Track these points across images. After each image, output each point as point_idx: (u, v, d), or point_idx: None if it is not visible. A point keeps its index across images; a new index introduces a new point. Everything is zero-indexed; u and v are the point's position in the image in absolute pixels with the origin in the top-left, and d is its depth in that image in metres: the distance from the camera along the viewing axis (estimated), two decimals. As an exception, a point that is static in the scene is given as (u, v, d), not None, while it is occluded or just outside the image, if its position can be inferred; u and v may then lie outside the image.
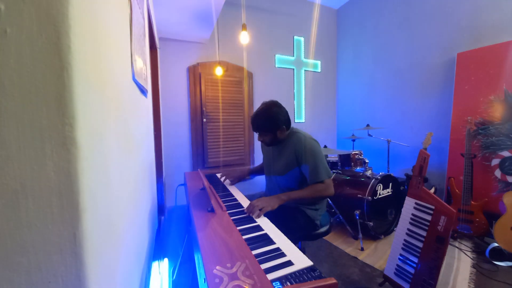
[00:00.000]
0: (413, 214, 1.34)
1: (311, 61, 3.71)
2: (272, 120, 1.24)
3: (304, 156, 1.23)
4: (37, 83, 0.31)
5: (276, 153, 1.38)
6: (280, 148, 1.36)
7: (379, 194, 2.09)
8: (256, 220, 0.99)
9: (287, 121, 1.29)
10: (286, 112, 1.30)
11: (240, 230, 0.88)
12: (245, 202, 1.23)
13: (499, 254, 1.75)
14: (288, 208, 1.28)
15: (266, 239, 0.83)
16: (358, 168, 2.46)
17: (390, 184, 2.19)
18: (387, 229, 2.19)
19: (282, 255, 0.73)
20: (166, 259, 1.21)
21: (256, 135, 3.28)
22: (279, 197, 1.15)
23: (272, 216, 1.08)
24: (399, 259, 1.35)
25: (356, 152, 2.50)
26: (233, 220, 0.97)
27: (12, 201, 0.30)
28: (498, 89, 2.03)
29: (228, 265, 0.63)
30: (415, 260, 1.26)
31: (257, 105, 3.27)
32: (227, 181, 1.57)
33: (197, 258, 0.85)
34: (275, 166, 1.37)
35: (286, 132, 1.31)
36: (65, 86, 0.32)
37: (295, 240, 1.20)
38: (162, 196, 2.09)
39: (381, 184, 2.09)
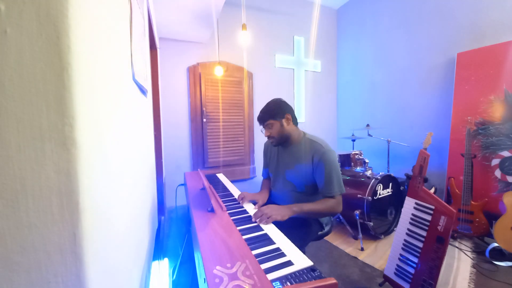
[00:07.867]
0: (413, 214, 1.34)
1: (311, 61, 3.71)
2: (276, 105, 1.27)
3: (320, 166, 1.18)
4: (37, 83, 0.31)
5: (287, 157, 1.32)
6: (293, 152, 1.30)
7: (379, 194, 2.09)
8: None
9: (292, 111, 1.29)
10: (289, 105, 1.31)
11: (240, 230, 0.88)
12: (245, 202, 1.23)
13: (499, 254, 1.75)
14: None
15: (266, 239, 0.83)
16: (358, 168, 2.46)
17: (390, 184, 2.19)
18: (387, 229, 2.19)
19: (282, 255, 0.73)
20: (166, 259, 1.21)
21: (256, 134, 3.29)
22: (291, 208, 1.09)
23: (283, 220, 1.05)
24: (399, 259, 1.35)
25: (356, 152, 2.50)
26: (233, 220, 0.97)
27: (12, 201, 0.30)
28: (498, 89, 2.03)
29: (228, 265, 0.63)
30: (415, 260, 1.26)
31: (257, 105, 3.28)
32: (250, 204, 1.26)
33: (197, 258, 0.85)
34: (287, 170, 1.31)
35: (292, 124, 1.27)
36: (65, 86, 0.32)
37: (305, 243, 1.19)
38: (162, 196, 2.09)
39: (381, 184, 2.09)
